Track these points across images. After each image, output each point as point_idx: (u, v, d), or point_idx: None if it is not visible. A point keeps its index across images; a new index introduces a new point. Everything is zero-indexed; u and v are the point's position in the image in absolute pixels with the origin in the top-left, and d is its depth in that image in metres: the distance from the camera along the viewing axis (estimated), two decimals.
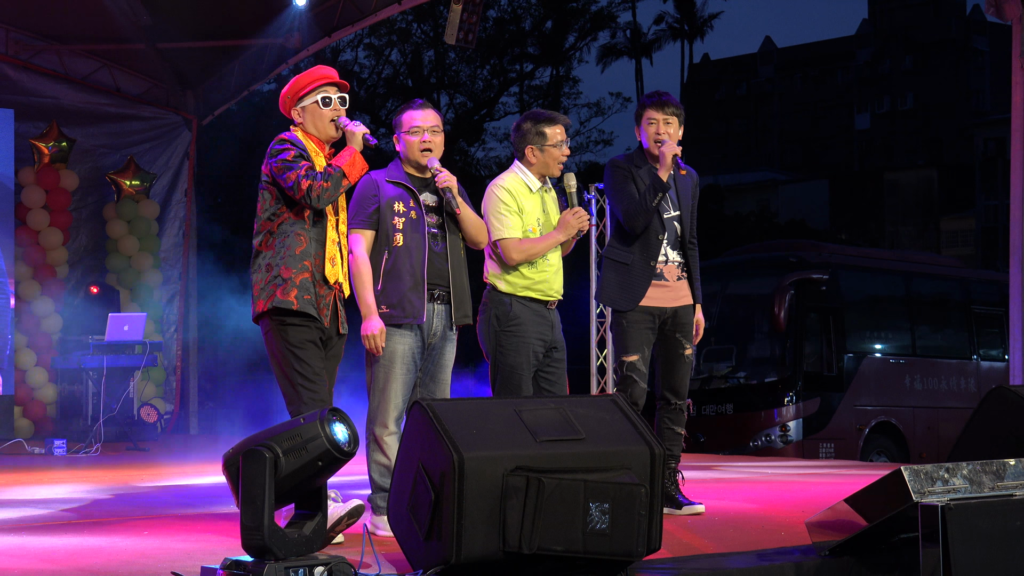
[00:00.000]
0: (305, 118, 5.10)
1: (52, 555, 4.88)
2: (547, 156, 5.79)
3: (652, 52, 50.41)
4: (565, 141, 5.83)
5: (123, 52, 13.66)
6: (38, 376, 13.06)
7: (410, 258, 5.30)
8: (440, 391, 5.41)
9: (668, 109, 6.06)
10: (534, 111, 6.01)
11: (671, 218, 6.09)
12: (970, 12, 60.44)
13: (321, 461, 3.82)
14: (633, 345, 5.99)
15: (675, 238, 6.10)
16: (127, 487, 8.21)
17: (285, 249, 4.96)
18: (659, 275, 6.04)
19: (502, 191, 5.76)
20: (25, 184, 13.14)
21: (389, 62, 33.90)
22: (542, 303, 5.74)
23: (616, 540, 4.01)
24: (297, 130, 5.10)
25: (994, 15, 9.70)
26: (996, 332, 15.29)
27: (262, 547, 3.77)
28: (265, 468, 3.78)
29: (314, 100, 5.08)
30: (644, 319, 6.00)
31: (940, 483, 4.20)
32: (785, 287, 13.47)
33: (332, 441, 3.81)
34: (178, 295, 14.27)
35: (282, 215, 4.99)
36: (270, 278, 4.94)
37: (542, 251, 5.72)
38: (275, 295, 4.92)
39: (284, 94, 5.13)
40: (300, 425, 3.85)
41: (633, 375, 5.96)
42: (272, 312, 4.93)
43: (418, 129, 5.41)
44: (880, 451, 13.97)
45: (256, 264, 5.01)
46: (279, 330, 4.93)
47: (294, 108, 5.12)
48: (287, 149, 4.96)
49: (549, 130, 5.80)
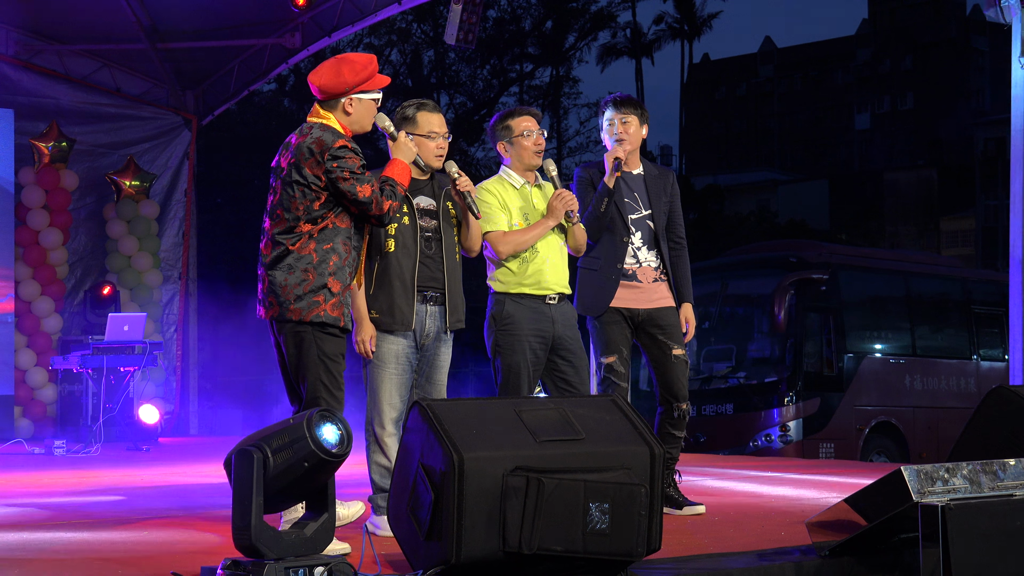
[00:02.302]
0: (356, 110, 4.84)
1: (52, 555, 4.87)
2: (518, 148, 5.72)
3: (652, 52, 50.48)
4: (535, 130, 5.72)
5: (123, 52, 13.66)
6: (38, 376, 13.06)
7: (400, 264, 5.24)
8: (436, 392, 5.38)
9: (623, 108, 6.03)
10: (503, 110, 5.97)
11: (642, 218, 6.02)
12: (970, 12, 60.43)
13: (307, 462, 3.77)
14: (609, 346, 5.95)
15: (650, 238, 6.04)
16: (127, 487, 8.22)
17: (332, 257, 4.74)
18: (630, 276, 5.98)
19: (483, 191, 5.72)
20: (25, 184, 13.14)
21: (389, 62, 33.91)
22: (538, 299, 5.66)
23: (616, 540, 4.00)
24: (332, 119, 4.82)
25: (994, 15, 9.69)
26: (996, 332, 15.29)
27: (249, 546, 3.77)
28: (253, 467, 3.77)
29: (374, 97, 4.88)
30: (615, 318, 5.96)
31: (940, 483, 4.20)
32: (785, 287, 13.47)
33: (317, 442, 3.76)
34: (178, 295, 14.27)
35: (327, 219, 4.73)
36: (312, 286, 4.71)
37: (531, 240, 5.64)
38: (323, 308, 4.72)
39: (344, 79, 4.78)
40: (289, 425, 3.84)
41: (611, 376, 5.93)
42: (313, 322, 4.74)
43: (435, 135, 5.34)
44: (880, 451, 13.97)
45: (284, 263, 4.73)
46: (316, 339, 4.74)
47: (350, 97, 4.83)
48: (351, 157, 4.71)
49: (512, 122, 5.75)
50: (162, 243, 14.07)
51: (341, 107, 4.84)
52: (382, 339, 5.25)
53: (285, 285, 4.72)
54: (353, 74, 4.80)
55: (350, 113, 4.85)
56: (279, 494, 3.87)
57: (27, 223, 13.16)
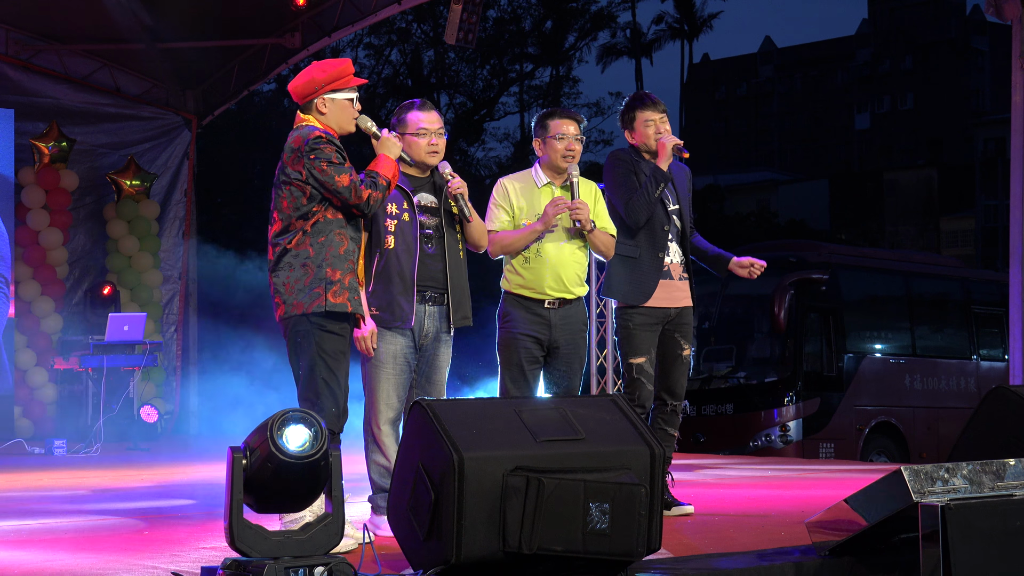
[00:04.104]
0: (330, 110, 4.91)
1: (52, 555, 4.88)
2: (549, 148, 5.79)
3: (652, 52, 50.45)
4: (573, 136, 5.77)
5: (123, 52, 13.67)
6: (38, 376, 13.06)
7: (400, 261, 5.25)
8: (435, 392, 5.37)
9: (661, 107, 6.14)
10: (549, 108, 6.06)
11: (673, 211, 6.07)
12: (970, 12, 60.47)
13: (270, 463, 3.72)
14: (640, 347, 5.96)
15: (677, 234, 6.09)
16: (127, 487, 8.22)
17: (328, 249, 4.82)
18: (666, 273, 6.01)
19: (499, 185, 5.81)
20: (25, 184, 13.14)
21: (389, 62, 33.93)
22: (538, 302, 5.68)
23: (616, 540, 4.00)
24: (312, 120, 4.92)
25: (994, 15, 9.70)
26: (996, 332, 15.29)
27: (232, 545, 3.77)
28: (232, 466, 3.77)
29: (347, 97, 4.94)
30: (650, 321, 5.98)
31: (940, 483, 4.20)
32: (785, 287, 13.46)
33: (276, 443, 3.69)
34: (178, 295, 14.27)
35: (317, 213, 4.81)
36: (312, 279, 4.78)
37: (517, 243, 5.66)
38: (324, 298, 4.77)
39: (313, 78, 4.90)
40: (261, 424, 3.81)
41: (641, 377, 5.94)
42: (312, 315, 4.78)
43: (425, 131, 5.35)
44: (880, 451, 13.96)
45: (284, 262, 4.81)
46: (316, 335, 4.79)
47: (322, 96, 4.91)
48: (327, 147, 4.79)
49: (551, 122, 5.82)
50: (162, 243, 14.07)
51: (315, 108, 4.93)
52: (381, 338, 5.25)
53: (287, 283, 4.81)
54: (322, 72, 4.91)
55: (324, 112, 4.92)
56: (270, 494, 3.84)
57: (27, 223, 13.16)
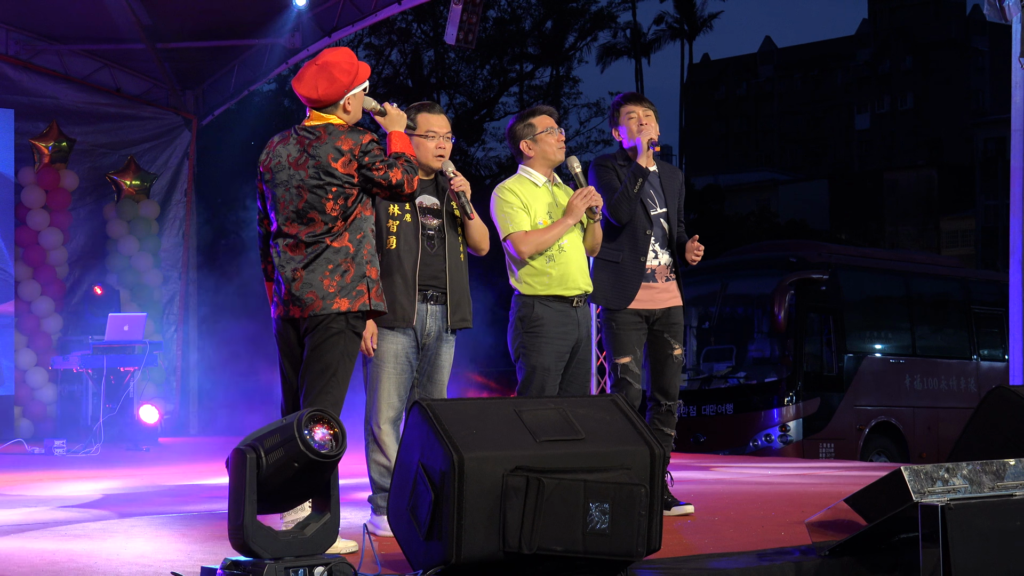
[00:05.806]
0: (354, 106, 4.92)
1: (52, 555, 4.88)
2: (542, 144, 5.80)
3: (652, 52, 50.42)
4: (555, 128, 5.83)
5: (123, 52, 13.66)
6: (38, 376, 13.06)
7: (402, 261, 5.25)
8: (437, 392, 5.38)
9: (646, 103, 6.15)
10: (518, 112, 6.05)
11: (658, 215, 6.07)
12: (970, 12, 60.47)
13: (297, 462, 3.76)
14: (624, 347, 5.99)
15: (663, 237, 6.09)
16: (127, 487, 8.22)
17: (366, 245, 4.84)
18: (649, 276, 6.03)
19: (505, 191, 5.77)
20: (25, 184, 13.14)
21: (389, 62, 33.92)
22: (566, 301, 5.69)
23: (616, 540, 4.00)
24: (334, 118, 4.87)
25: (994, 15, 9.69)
26: (996, 332, 15.29)
27: (243, 546, 3.77)
28: (246, 467, 3.77)
29: (363, 88, 4.97)
30: (633, 321, 6.00)
31: (940, 483, 4.20)
32: (785, 287, 13.47)
33: (307, 443, 3.74)
34: (178, 295, 14.27)
35: (355, 210, 4.83)
36: (353, 276, 4.77)
37: (552, 239, 5.66)
38: (368, 297, 4.79)
39: (339, 80, 4.83)
40: (282, 425, 3.83)
41: (627, 377, 5.96)
42: (351, 314, 4.76)
43: (434, 134, 5.39)
44: (880, 451, 13.97)
45: (323, 258, 4.75)
46: (347, 336, 4.77)
47: (352, 93, 4.90)
48: (377, 150, 4.80)
49: (535, 120, 5.84)
50: (162, 243, 14.06)
51: (341, 107, 4.91)
52: (382, 337, 5.25)
53: (327, 279, 4.75)
54: (346, 75, 4.88)
55: (350, 111, 4.92)
56: (277, 494, 3.86)
57: (27, 223, 13.16)
